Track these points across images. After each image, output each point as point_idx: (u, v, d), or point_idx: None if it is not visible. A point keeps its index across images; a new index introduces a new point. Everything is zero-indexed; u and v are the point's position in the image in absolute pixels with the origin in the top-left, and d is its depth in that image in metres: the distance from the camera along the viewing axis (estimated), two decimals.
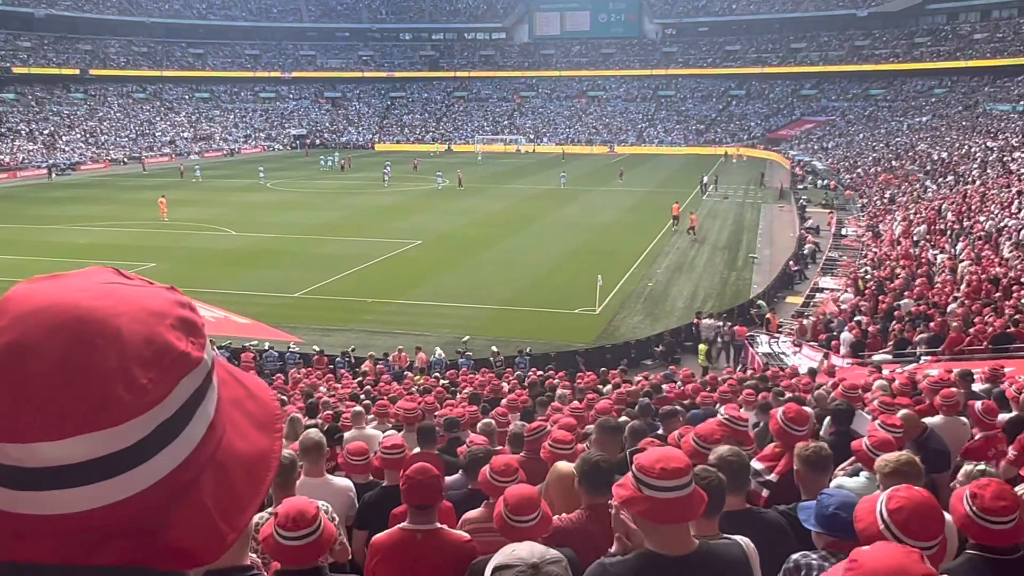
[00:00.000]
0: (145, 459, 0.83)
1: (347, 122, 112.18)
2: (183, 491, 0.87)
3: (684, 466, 2.89)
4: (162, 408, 0.84)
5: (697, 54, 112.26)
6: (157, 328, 0.86)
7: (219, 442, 0.92)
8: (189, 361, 0.87)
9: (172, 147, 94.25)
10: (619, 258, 36.13)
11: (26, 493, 0.80)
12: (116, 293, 0.88)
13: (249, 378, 1.06)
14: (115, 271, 0.95)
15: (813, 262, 36.05)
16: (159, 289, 0.93)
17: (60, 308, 0.84)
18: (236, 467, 0.93)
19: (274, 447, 1.00)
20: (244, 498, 0.94)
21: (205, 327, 0.93)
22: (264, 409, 1.03)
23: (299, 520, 3.48)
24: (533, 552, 2.22)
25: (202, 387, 0.89)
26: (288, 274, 33.37)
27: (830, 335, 22.34)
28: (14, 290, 0.88)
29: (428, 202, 54.26)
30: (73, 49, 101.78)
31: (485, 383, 15.93)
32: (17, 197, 58.62)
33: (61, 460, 0.79)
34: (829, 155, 76.20)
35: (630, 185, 62.99)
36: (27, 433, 0.79)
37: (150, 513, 0.85)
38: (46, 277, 0.91)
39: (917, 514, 2.84)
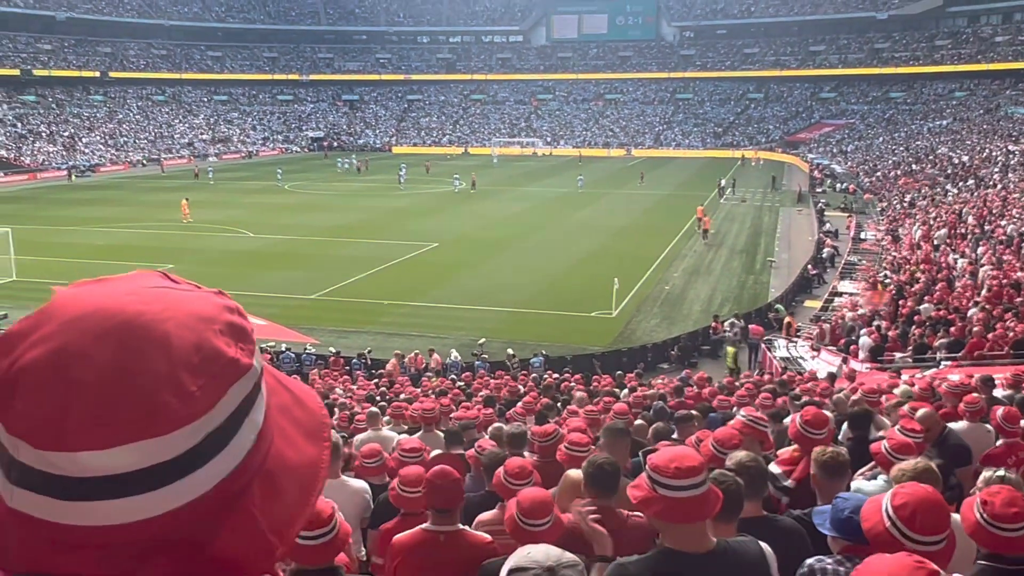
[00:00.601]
0: (194, 469, 0.80)
1: (364, 125, 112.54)
2: (232, 502, 0.84)
3: (698, 464, 2.90)
4: (211, 416, 0.81)
5: (715, 57, 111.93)
6: (206, 334, 0.83)
7: (268, 451, 0.89)
8: (238, 368, 0.84)
9: (190, 149, 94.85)
10: (636, 261, 36.02)
11: (72, 503, 0.78)
12: (164, 298, 0.86)
13: (296, 384, 1.03)
14: (162, 275, 0.92)
15: (832, 266, 35.82)
16: (207, 293, 0.90)
17: (107, 313, 0.82)
18: (285, 477, 0.90)
19: (323, 456, 0.97)
20: (293, 508, 0.91)
21: (254, 332, 0.90)
22: (312, 417, 0.99)
23: (315, 520, 3.48)
24: (549, 555, 2.19)
25: (251, 394, 0.87)
26: (305, 276, 33.47)
27: (849, 339, 22.18)
28: (60, 295, 0.86)
29: (444, 204, 54.33)
30: (93, 52, 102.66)
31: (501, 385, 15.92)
32: (37, 198, 59.12)
33: (108, 470, 0.77)
34: (848, 158, 75.81)
35: (647, 188, 62.86)
36: (73, 442, 0.76)
37: (198, 525, 0.82)
38: (92, 281, 0.89)
39: (922, 510, 2.82)
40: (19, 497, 0.80)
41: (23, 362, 0.79)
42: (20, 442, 0.78)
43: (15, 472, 0.79)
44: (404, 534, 4.34)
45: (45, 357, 0.79)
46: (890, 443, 4.99)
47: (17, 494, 0.80)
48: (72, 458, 0.76)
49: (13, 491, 0.80)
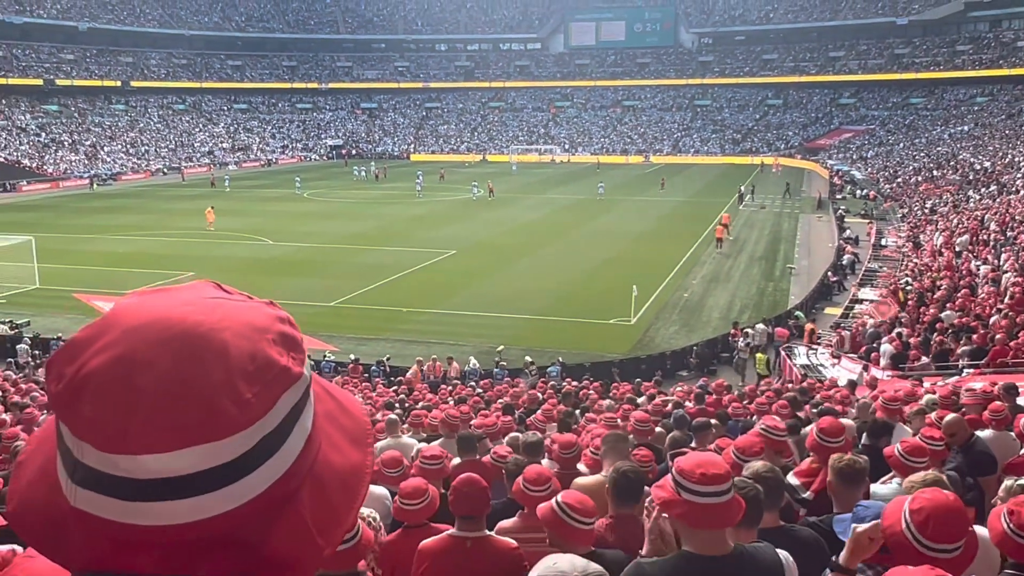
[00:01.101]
0: (248, 472, 0.85)
1: (383, 132, 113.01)
2: (283, 504, 0.88)
3: (724, 473, 2.92)
4: (265, 422, 0.85)
5: (734, 63, 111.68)
6: (260, 343, 0.87)
7: (316, 456, 0.94)
8: (290, 376, 0.88)
9: (211, 157, 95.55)
10: (655, 268, 35.94)
11: (134, 504, 0.82)
12: (221, 308, 0.90)
13: (342, 393, 1.07)
14: (217, 285, 0.97)
15: (852, 273, 35.60)
16: (260, 304, 0.95)
17: (168, 322, 0.86)
18: (332, 480, 0.95)
19: (366, 460, 1.01)
20: (340, 511, 0.95)
21: (304, 342, 0.94)
22: (357, 423, 1.04)
23: None
24: (575, 566, 2.19)
25: (301, 401, 0.91)
26: (324, 283, 33.62)
27: (870, 347, 22.02)
28: (122, 304, 0.91)
29: (462, 212, 54.45)
30: (115, 61, 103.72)
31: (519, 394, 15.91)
32: (60, 207, 59.74)
33: (169, 472, 0.81)
34: (868, 165, 75.36)
35: (665, 195, 62.76)
36: (136, 445, 0.80)
37: (251, 525, 0.86)
38: (151, 291, 0.94)
39: (937, 517, 2.81)
40: (83, 497, 0.84)
41: (88, 369, 0.84)
42: (85, 445, 0.82)
43: (79, 473, 0.84)
44: (431, 540, 4.36)
45: (109, 364, 0.83)
46: (904, 447, 4.97)
47: (81, 494, 0.84)
48: (135, 460, 0.80)
49: (77, 491, 0.84)
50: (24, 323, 27.86)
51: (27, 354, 24.96)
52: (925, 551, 2.76)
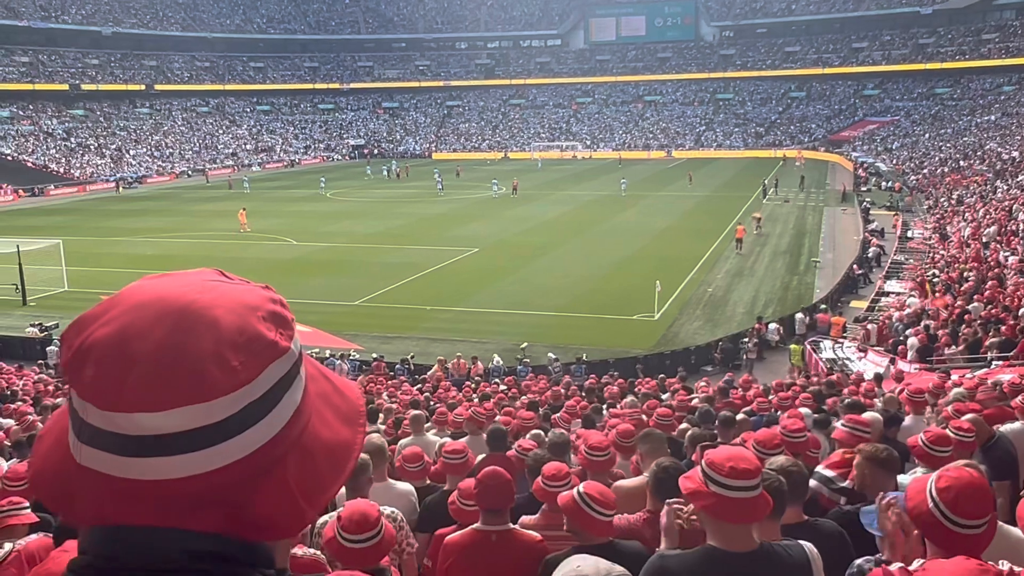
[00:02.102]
0: (234, 434, 0.92)
1: (404, 132, 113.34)
2: (269, 468, 0.96)
3: (754, 468, 2.93)
4: (250, 389, 0.93)
5: (756, 56, 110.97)
6: (250, 319, 0.96)
7: (304, 427, 1.01)
8: (277, 349, 0.96)
9: (234, 159, 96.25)
10: (678, 263, 35.82)
11: (131, 459, 0.91)
12: (217, 288, 0.99)
13: (337, 377, 1.14)
14: (219, 272, 1.05)
15: (878, 265, 35.31)
16: (255, 287, 1.03)
17: (166, 300, 0.96)
18: (319, 452, 1.02)
19: (356, 439, 1.09)
20: (325, 480, 1.03)
21: (294, 322, 1.02)
22: (350, 405, 1.11)
23: (362, 523, 3.54)
24: (599, 569, 2.20)
25: (289, 374, 0.99)
26: (348, 282, 33.78)
27: (896, 340, 21.84)
28: (129, 286, 1.01)
29: (484, 210, 54.51)
30: (139, 65, 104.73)
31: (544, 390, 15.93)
32: (86, 210, 60.41)
33: (160, 429, 0.89)
34: (893, 156, 74.69)
35: (688, 190, 62.52)
36: (131, 404, 0.89)
37: (238, 485, 0.94)
38: (157, 275, 1.03)
39: (966, 493, 2.81)
40: (87, 454, 0.94)
41: (92, 338, 0.94)
42: (88, 405, 0.92)
43: (85, 432, 0.93)
44: (456, 534, 4.40)
45: (110, 334, 0.93)
46: (927, 436, 4.93)
47: (85, 451, 0.94)
48: (130, 418, 0.89)
49: (82, 449, 0.94)
50: (53, 325, 28.21)
51: (56, 356, 25.28)
52: (955, 528, 2.76)
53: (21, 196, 69.32)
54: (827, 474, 5.20)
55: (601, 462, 5.49)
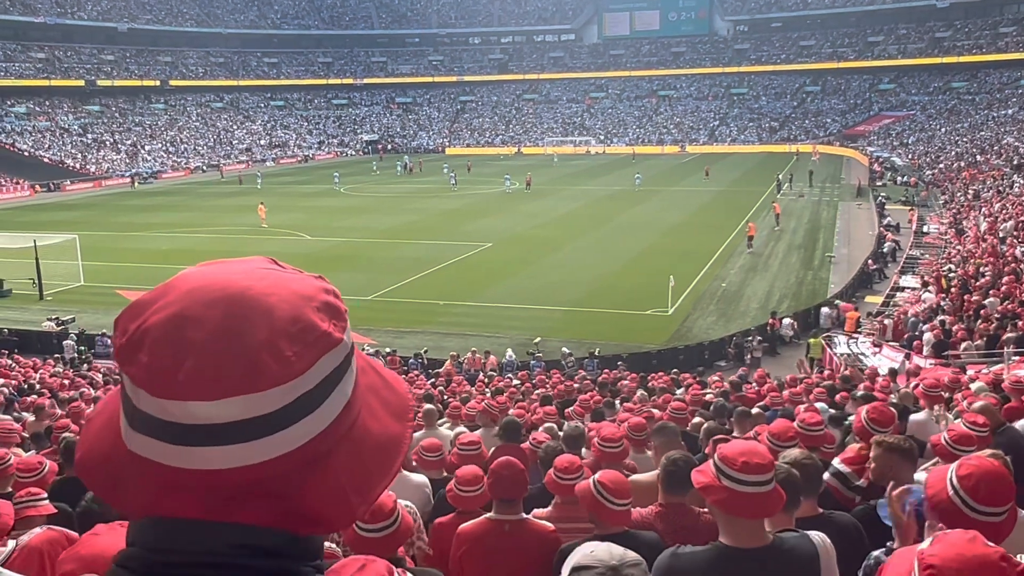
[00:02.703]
0: (286, 426, 0.91)
1: (418, 127, 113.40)
2: (318, 461, 0.95)
3: (767, 462, 2.92)
4: (303, 380, 0.92)
5: (770, 50, 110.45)
6: (304, 309, 0.94)
7: (354, 421, 1.00)
8: (330, 340, 0.95)
9: (248, 154, 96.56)
10: (692, 258, 35.73)
11: (181, 448, 0.90)
12: (270, 277, 0.98)
13: (388, 371, 1.15)
14: (272, 260, 1.05)
15: (893, 260, 35.13)
16: (309, 277, 1.02)
17: (220, 286, 0.95)
18: (369, 445, 1.02)
19: (405, 433, 1.08)
20: (375, 475, 1.01)
21: (347, 313, 1.01)
22: (399, 399, 1.11)
23: (376, 513, 3.56)
24: (612, 554, 2.21)
25: (341, 366, 0.98)
26: (361, 277, 33.85)
27: (911, 335, 21.73)
28: (182, 272, 1.00)
29: (497, 205, 54.50)
30: (154, 61, 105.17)
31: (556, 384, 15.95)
32: (102, 205, 60.76)
33: (212, 419, 0.89)
34: (909, 151, 74.23)
35: (702, 185, 62.33)
36: (184, 391, 0.88)
37: (287, 477, 0.93)
38: (211, 262, 1.03)
39: (987, 481, 2.79)
40: (138, 441, 0.93)
41: (148, 324, 0.93)
42: (141, 391, 0.91)
43: (136, 418, 0.93)
44: (469, 523, 4.41)
45: (165, 320, 0.92)
46: (950, 435, 4.90)
47: (136, 439, 0.93)
48: (183, 406, 0.88)
49: (133, 436, 0.94)
50: (70, 319, 28.40)
51: (73, 350, 25.46)
52: (976, 515, 2.75)
53: (38, 191, 69.77)
54: (842, 470, 5.17)
55: (614, 453, 5.50)
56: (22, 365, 21.36)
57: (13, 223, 48.39)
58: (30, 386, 17.07)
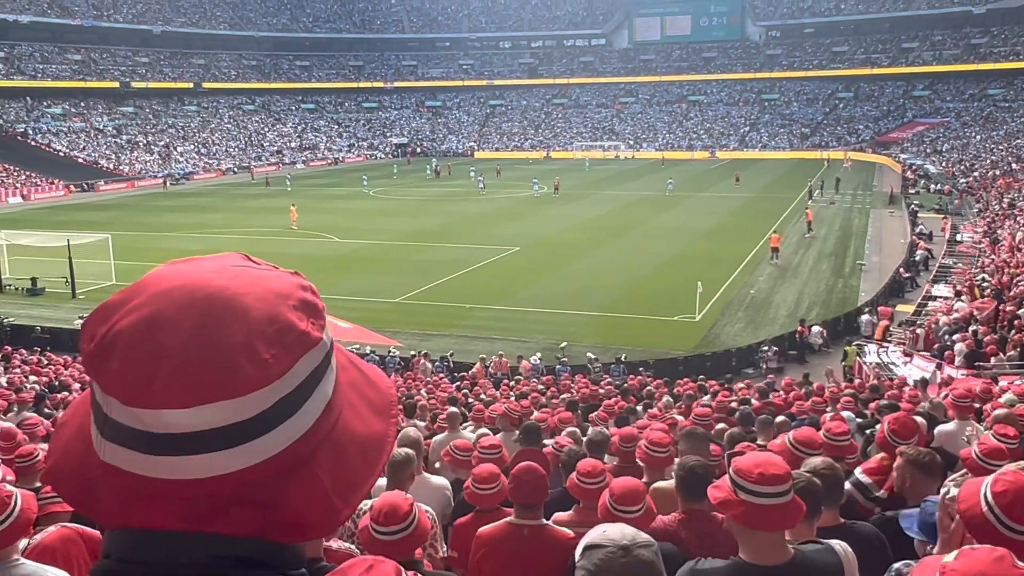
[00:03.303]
0: (266, 431, 0.88)
1: (447, 130, 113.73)
2: (300, 465, 0.91)
3: (783, 473, 2.85)
4: (283, 383, 0.88)
5: (802, 56, 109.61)
6: (280, 308, 0.90)
7: (336, 421, 0.96)
8: (309, 340, 0.91)
9: (279, 156, 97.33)
10: (720, 264, 35.49)
11: (157, 458, 0.86)
12: (245, 275, 0.94)
13: (367, 366, 1.10)
14: (244, 256, 1.01)
15: (925, 269, 34.68)
16: (284, 273, 0.98)
17: (193, 287, 0.90)
18: (352, 446, 0.97)
19: (389, 431, 1.04)
20: (359, 476, 0.98)
21: (325, 310, 0.98)
22: (381, 395, 1.07)
23: (391, 516, 3.54)
24: (624, 534, 2.20)
25: (321, 366, 0.94)
26: (389, 279, 33.97)
27: (943, 345, 21.44)
28: (152, 271, 0.95)
29: (526, 209, 54.50)
30: (187, 64, 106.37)
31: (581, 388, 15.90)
32: (135, 206, 61.49)
33: (189, 427, 0.85)
34: (943, 158, 73.35)
35: (732, 191, 61.97)
36: (159, 400, 0.84)
37: (269, 483, 0.89)
38: (182, 260, 0.98)
39: (1022, 497, 2.70)
40: (110, 451, 0.89)
41: (117, 328, 0.88)
42: (113, 400, 0.87)
43: (108, 429, 0.89)
44: (488, 527, 4.40)
45: (136, 323, 0.88)
46: (981, 448, 4.81)
47: (109, 448, 0.89)
48: (157, 415, 0.84)
49: (105, 446, 0.89)
50: None
51: None
52: (1008, 533, 2.68)
53: (72, 191, 70.77)
54: (863, 480, 5.10)
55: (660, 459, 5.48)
56: (53, 362, 21.66)
57: (48, 222, 49.13)
58: (61, 383, 17.29)
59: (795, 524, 2.92)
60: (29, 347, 24.42)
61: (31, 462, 5.89)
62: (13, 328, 28.26)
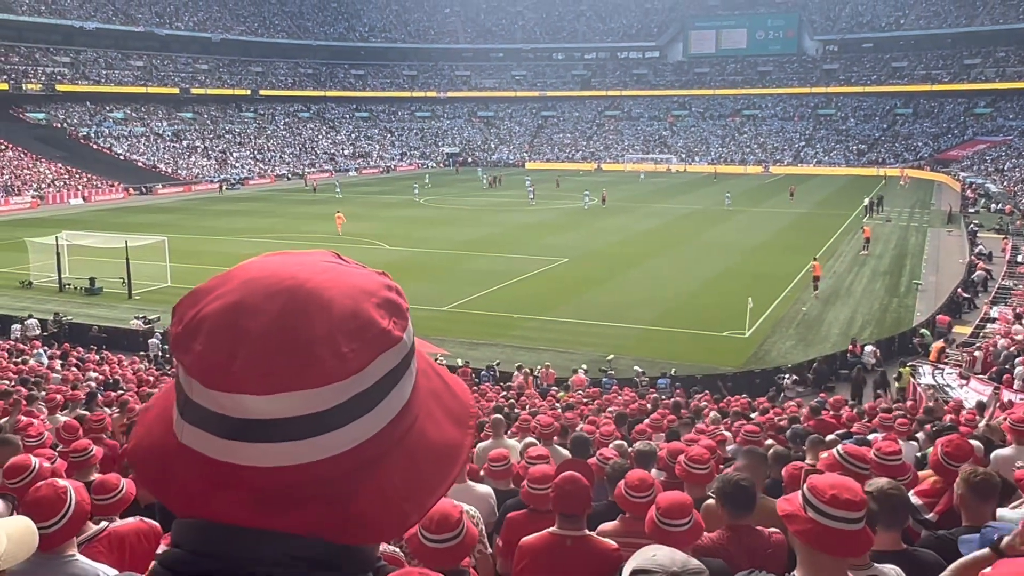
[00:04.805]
0: (339, 425, 0.88)
1: (499, 141, 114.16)
2: (372, 464, 0.92)
3: (858, 500, 2.73)
4: (360, 378, 0.89)
5: (860, 71, 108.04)
6: (364, 304, 0.92)
7: (412, 424, 0.97)
8: (389, 338, 0.92)
9: (332, 163, 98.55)
10: (772, 280, 35.02)
11: (231, 442, 0.88)
12: (332, 270, 0.96)
13: (450, 376, 1.10)
14: (335, 254, 1.03)
15: (984, 290, 33.86)
16: (371, 272, 1.00)
17: (280, 277, 0.92)
18: (425, 452, 0.97)
19: (465, 441, 1.03)
20: (431, 483, 0.97)
21: (408, 311, 0.99)
22: (461, 405, 1.07)
23: (443, 523, 3.54)
24: (674, 560, 2.14)
25: (400, 367, 0.94)
26: (437, 288, 34.11)
27: (1001, 368, 20.89)
28: (242, 263, 0.98)
29: (575, 220, 54.40)
30: (245, 71, 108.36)
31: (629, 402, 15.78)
32: (192, 210, 62.65)
33: (264, 414, 0.86)
34: (1005, 177, 71.67)
35: (786, 206, 61.22)
36: (238, 384, 0.85)
37: (339, 480, 0.89)
38: (274, 253, 1.01)
39: None
40: (189, 433, 0.91)
41: (205, 312, 0.91)
42: (194, 382, 0.89)
43: (189, 411, 0.91)
44: (531, 537, 4.38)
45: (222, 309, 0.90)
46: None
47: (187, 430, 0.91)
48: (235, 399, 0.86)
49: (184, 427, 0.92)
50: (155, 319, 29.29)
51: (158, 348, 26.25)
52: None
53: (131, 194, 72.42)
54: (914, 502, 4.98)
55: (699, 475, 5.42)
56: (108, 361, 22.11)
57: (107, 224, 50.24)
58: (115, 381, 17.63)
59: (861, 554, 2.82)
60: (86, 345, 25.00)
61: (86, 456, 6.00)
62: (71, 326, 28.92)
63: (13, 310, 30.53)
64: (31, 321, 27.67)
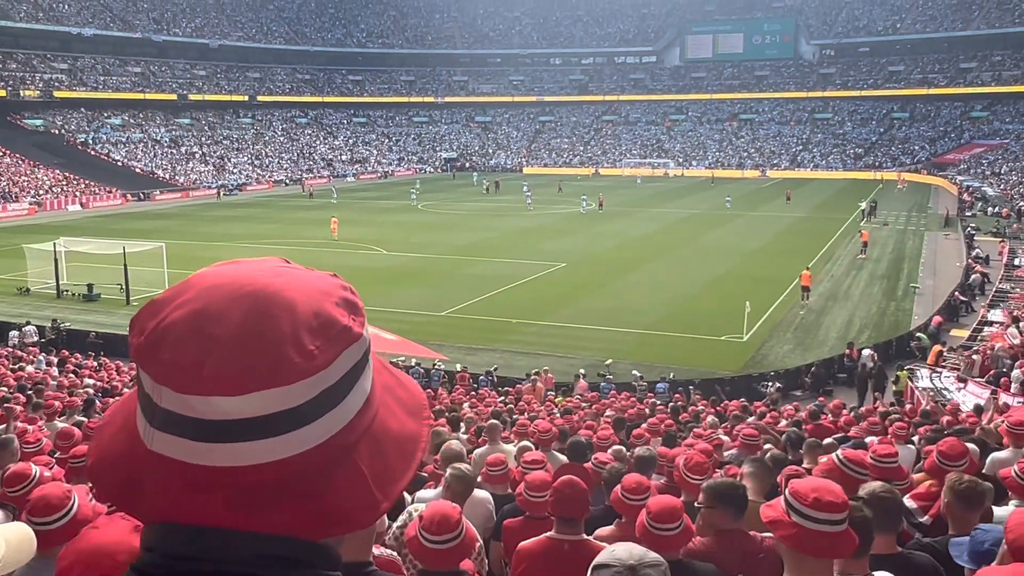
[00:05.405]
0: (310, 420, 0.91)
1: (496, 145, 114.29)
2: (343, 455, 0.95)
3: (840, 501, 2.79)
4: (326, 374, 0.92)
5: (857, 75, 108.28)
6: (324, 304, 0.95)
7: (374, 418, 1.01)
8: (351, 335, 0.96)
9: (330, 169, 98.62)
10: (769, 284, 35.06)
11: (204, 444, 0.89)
12: (288, 274, 0.99)
13: (399, 371, 1.15)
14: (284, 259, 1.06)
15: (981, 293, 33.92)
16: (324, 274, 1.04)
17: (240, 283, 0.95)
18: (389, 442, 1.02)
19: (422, 431, 1.08)
20: (397, 469, 1.01)
21: (363, 309, 1.02)
22: (413, 398, 1.11)
23: (443, 524, 3.57)
24: (632, 553, 2.18)
25: (360, 362, 0.99)
26: (435, 293, 34.13)
27: (999, 371, 20.93)
28: (199, 271, 1.00)
29: (573, 225, 54.45)
30: (243, 77, 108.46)
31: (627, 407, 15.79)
32: (189, 216, 62.63)
33: (238, 414, 0.88)
34: (1002, 181, 71.83)
35: (783, 210, 61.31)
36: (209, 387, 0.88)
37: (313, 473, 0.93)
38: (227, 262, 1.03)
39: None
40: (159, 440, 0.92)
41: (167, 321, 0.92)
42: (164, 388, 0.90)
43: (158, 417, 0.92)
44: (529, 541, 4.40)
45: (186, 316, 0.92)
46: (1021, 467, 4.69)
47: (157, 437, 0.92)
48: (208, 402, 0.88)
49: (155, 435, 0.93)
50: None
51: None
52: None
53: (129, 200, 72.38)
54: (909, 505, 5.01)
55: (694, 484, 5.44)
56: (106, 367, 22.10)
57: (105, 230, 50.22)
58: (112, 387, 17.63)
59: (846, 555, 2.86)
60: (84, 351, 24.98)
61: (83, 463, 6.01)
62: (69, 332, 28.92)
63: (11, 317, 30.50)
64: (29, 328, 27.66)
